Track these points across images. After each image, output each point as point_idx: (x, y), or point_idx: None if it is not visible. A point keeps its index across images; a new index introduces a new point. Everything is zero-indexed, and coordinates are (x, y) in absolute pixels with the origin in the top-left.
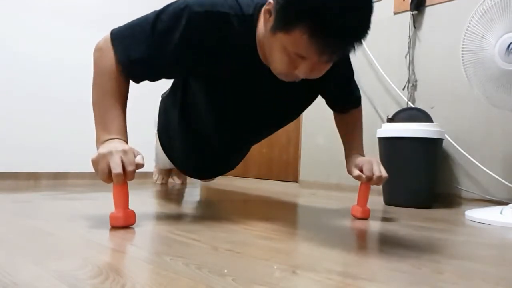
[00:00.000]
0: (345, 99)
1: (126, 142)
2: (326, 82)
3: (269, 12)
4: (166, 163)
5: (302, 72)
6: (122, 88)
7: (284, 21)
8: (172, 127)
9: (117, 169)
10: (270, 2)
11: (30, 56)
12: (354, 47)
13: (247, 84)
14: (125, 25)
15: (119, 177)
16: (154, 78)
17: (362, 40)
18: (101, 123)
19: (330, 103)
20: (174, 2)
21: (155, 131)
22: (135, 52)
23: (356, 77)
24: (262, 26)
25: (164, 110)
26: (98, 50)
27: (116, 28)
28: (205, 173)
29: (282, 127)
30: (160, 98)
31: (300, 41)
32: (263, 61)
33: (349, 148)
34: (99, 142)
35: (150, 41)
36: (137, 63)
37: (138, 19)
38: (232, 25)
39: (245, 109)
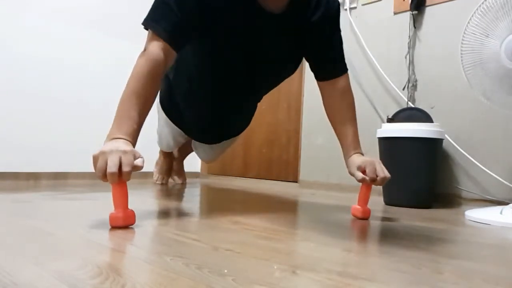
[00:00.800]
0: (331, 61)
1: (133, 143)
2: (315, 35)
3: None
4: (170, 140)
5: None
6: (151, 91)
7: None
8: (174, 88)
9: (112, 168)
10: None
11: (30, 56)
12: None
13: (243, 31)
14: (149, 11)
15: (114, 176)
16: (190, 38)
17: None
18: (118, 119)
19: (315, 64)
20: None
21: (158, 100)
22: (166, 22)
23: (356, 77)
24: None
25: (166, 74)
26: (142, 55)
27: (144, 18)
28: (209, 134)
29: (275, 78)
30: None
31: None
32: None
33: (345, 145)
34: (108, 138)
35: (172, 8)
36: (173, 30)
37: (153, 3)
38: None
39: (241, 58)
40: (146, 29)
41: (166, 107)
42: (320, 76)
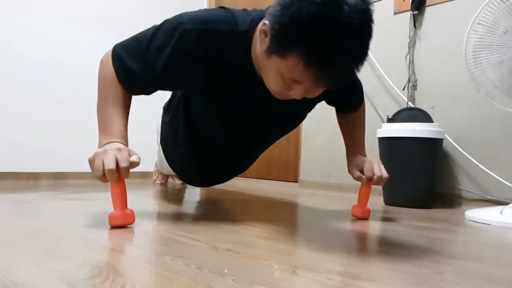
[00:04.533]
0: (349, 102)
1: (125, 145)
2: (326, 93)
3: (264, 32)
4: (170, 170)
5: (296, 94)
6: (122, 95)
7: (279, 46)
8: (176, 138)
9: (109, 165)
10: (265, 23)
11: (30, 56)
12: (351, 74)
13: (245, 99)
14: (127, 40)
15: (112, 173)
16: (148, 91)
17: (360, 67)
18: (103, 128)
19: (335, 108)
20: (170, 18)
21: (158, 141)
22: (130, 67)
23: None
24: (258, 42)
25: (166, 121)
26: (101, 63)
27: (119, 42)
28: (207, 183)
29: (283, 135)
30: (162, 109)
31: (295, 67)
32: (259, 75)
33: (350, 147)
34: (100, 145)
35: (144, 57)
36: (132, 77)
37: (139, 34)
38: (225, 42)
39: (245, 122)
40: (113, 61)
41: (168, 156)
42: (342, 112)
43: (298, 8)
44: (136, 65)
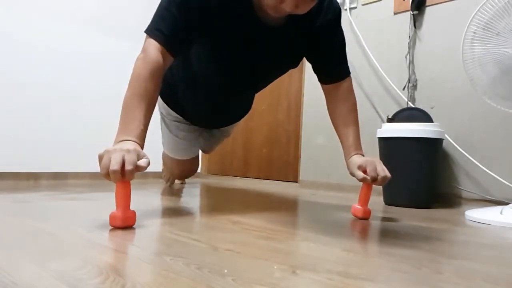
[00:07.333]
0: (334, 66)
1: (140, 145)
2: (317, 41)
3: None
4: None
5: (288, 5)
6: (153, 92)
7: None
8: (175, 75)
9: (114, 165)
10: None
11: (31, 56)
12: None
13: (242, 34)
14: (152, 17)
15: (115, 174)
16: (188, 43)
17: None
18: (123, 122)
19: (318, 68)
20: None
21: (158, 109)
22: (166, 28)
23: (356, 77)
24: None
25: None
26: (136, 61)
27: (147, 26)
28: (209, 121)
29: (275, 77)
30: None
31: None
32: (257, 10)
33: (347, 146)
34: (116, 141)
35: (173, 13)
36: (171, 35)
37: (160, 4)
38: None
39: (239, 57)
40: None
41: (167, 95)
42: (323, 79)
43: None
44: (171, 24)
